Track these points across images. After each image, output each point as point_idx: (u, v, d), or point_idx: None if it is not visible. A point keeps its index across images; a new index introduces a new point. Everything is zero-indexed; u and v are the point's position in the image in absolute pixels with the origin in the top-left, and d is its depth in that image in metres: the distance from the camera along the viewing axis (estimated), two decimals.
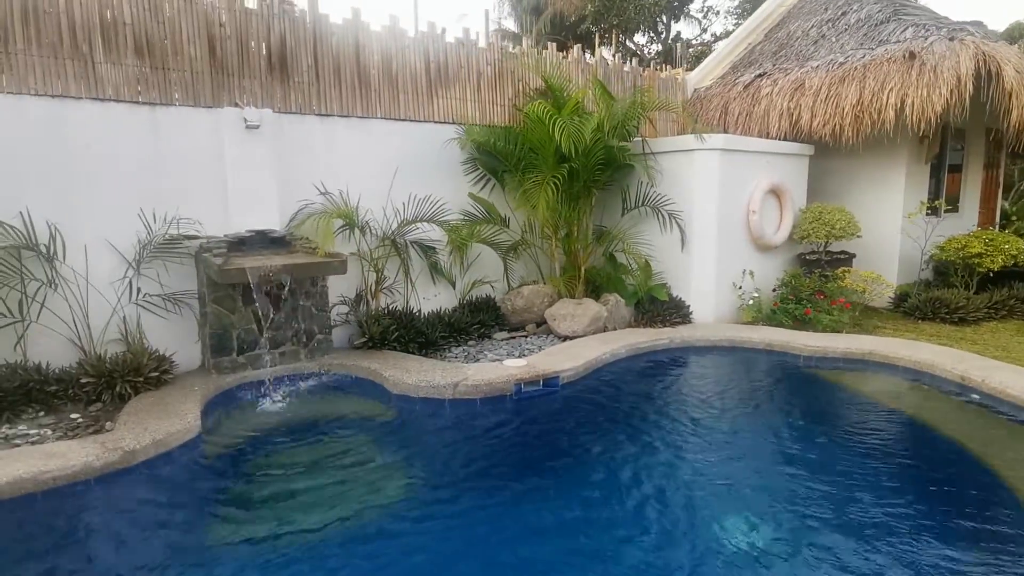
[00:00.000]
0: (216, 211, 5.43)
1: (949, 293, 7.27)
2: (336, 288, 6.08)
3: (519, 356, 5.83)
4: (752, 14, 10.06)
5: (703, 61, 9.74)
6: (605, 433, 4.37)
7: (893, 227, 8.03)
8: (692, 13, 28.36)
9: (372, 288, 6.30)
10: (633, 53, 28.50)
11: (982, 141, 9.29)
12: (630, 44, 28.84)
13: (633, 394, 5.26)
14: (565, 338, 6.44)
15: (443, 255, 6.81)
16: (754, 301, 6.79)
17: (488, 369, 5.19)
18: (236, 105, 5.44)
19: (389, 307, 6.32)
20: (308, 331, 5.62)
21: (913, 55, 6.65)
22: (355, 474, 3.73)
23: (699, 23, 28.67)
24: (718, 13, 27.87)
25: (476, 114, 7.05)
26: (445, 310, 6.73)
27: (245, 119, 5.37)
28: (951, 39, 6.56)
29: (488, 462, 4.00)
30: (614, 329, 6.70)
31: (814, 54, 8.04)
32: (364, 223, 6.14)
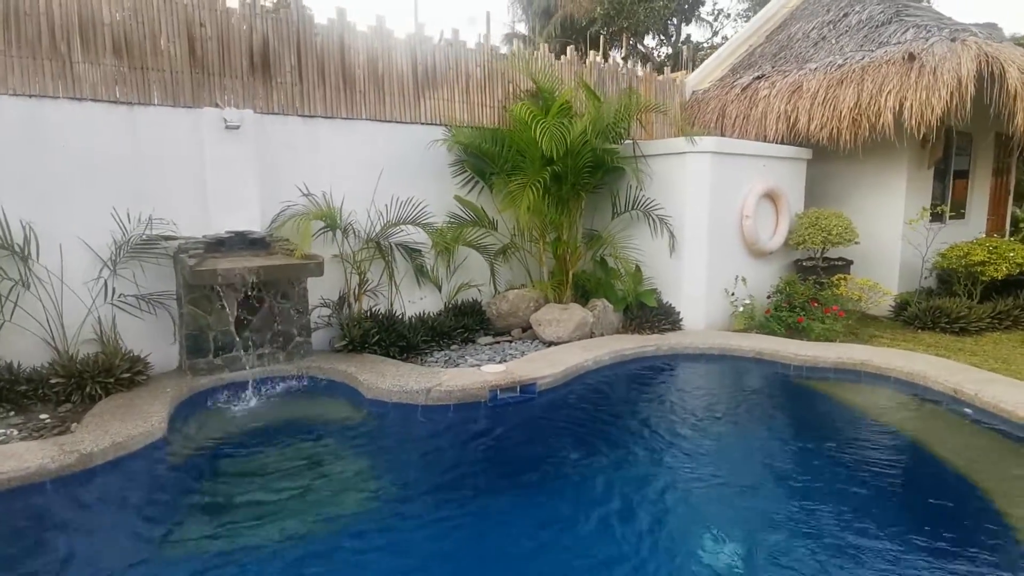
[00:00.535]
0: (196, 212, 5.40)
1: (950, 302, 7.05)
2: (319, 290, 6.03)
3: (500, 361, 5.73)
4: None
5: (703, 63, 9.60)
6: (579, 446, 4.23)
7: (894, 233, 7.82)
8: (703, 16, 28.16)
9: (355, 291, 6.24)
10: (642, 56, 28.37)
11: (991, 146, 9.04)
12: (641, 47, 28.72)
13: (613, 404, 5.14)
14: (550, 344, 6.33)
15: (429, 258, 6.74)
16: (745, 308, 6.64)
17: (464, 375, 5.10)
18: (216, 105, 5.42)
19: (372, 310, 6.26)
20: (287, 333, 5.57)
21: (912, 57, 6.47)
22: (315, 484, 3.61)
23: (710, 26, 28.46)
24: (729, 16, 27.55)
25: (465, 115, 6.97)
26: (430, 313, 6.66)
27: (225, 119, 5.34)
28: (952, 40, 6.37)
29: (454, 474, 3.88)
30: (601, 335, 6.57)
31: (813, 56, 7.86)
32: (347, 225, 6.09)
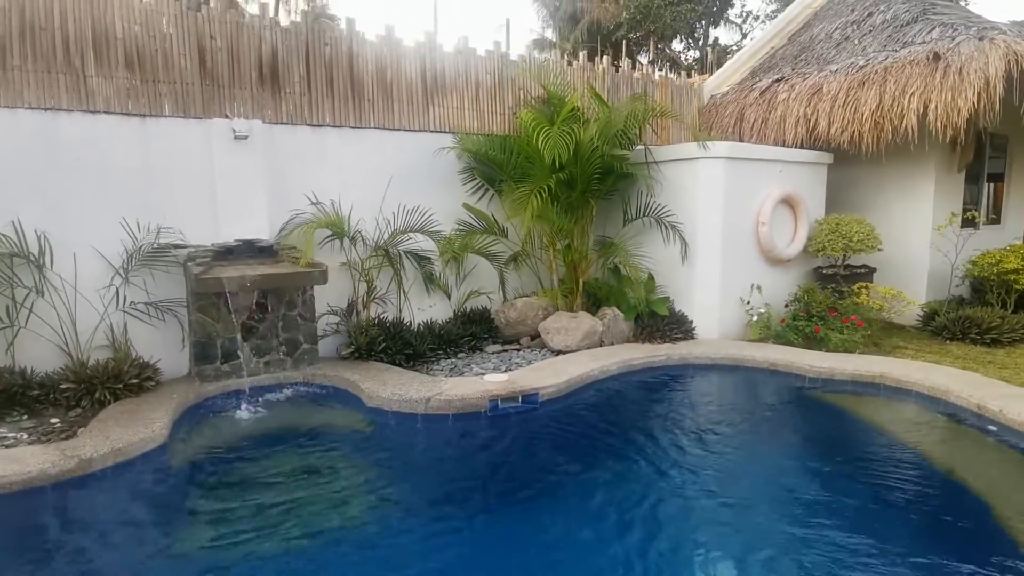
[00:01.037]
0: (206, 221, 5.50)
1: (981, 312, 6.72)
2: (327, 298, 6.07)
3: (505, 370, 5.68)
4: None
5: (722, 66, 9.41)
6: (578, 460, 4.12)
7: (922, 240, 7.51)
8: (731, 18, 27.75)
9: (363, 298, 6.27)
10: (670, 60, 28.09)
11: None
12: (668, 51, 28.43)
13: (617, 416, 5.02)
14: (558, 353, 6.25)
15: (438, 265, 6.73)
16: (759, 317, 6.44)
17: (464, 384, 5.06)
18: (226, 116, 5.51)
19: (379, 317, 6.28)
20: (293, 340, 5.61)
21: (938, 56, 6.21)
22: (308, 495, 3.58)
23: (739, 28, 28.01)
24: (757, 18, 27.08)
25: (475, 123, 6.96)
26: (439, 321, 6.64)
27: (234, 130, 5.43)
28: (980, 39, 6.09)
29: (443, 489, 3.79)
30: (611, 344, 6.46)
31: (835, 57, 7.63)
32: (355, 233, 6.13)
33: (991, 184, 8.49)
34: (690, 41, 28.06)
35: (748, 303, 6.69)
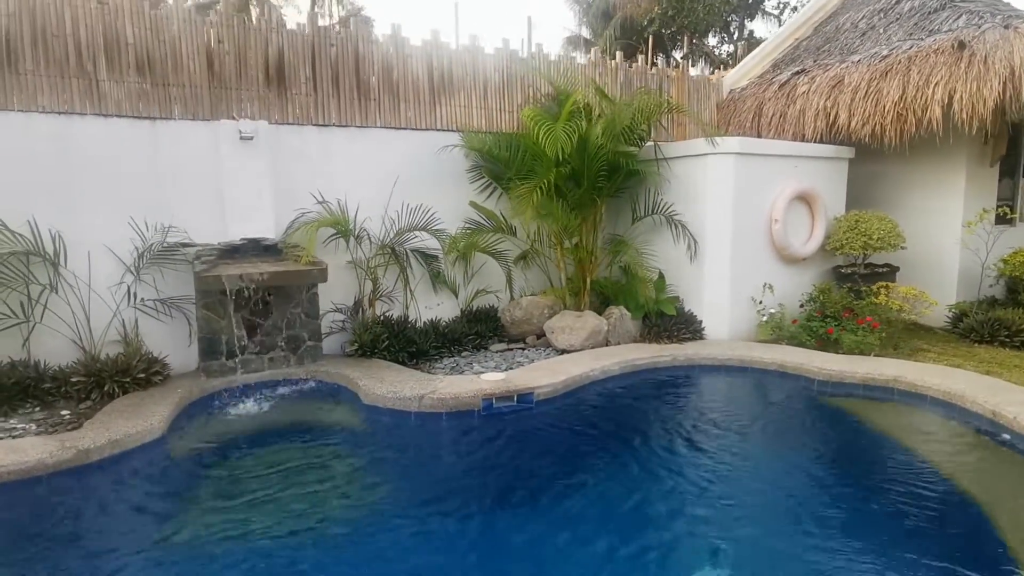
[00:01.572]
0: (214, 220, 5.63)
1: (1012, 313, 6.36)
2: (334, 295, 6.16)
3: (506, 369, 5.65)
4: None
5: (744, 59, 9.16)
6: (566, 464, 4.04)
7: (952, 238, 7.16)
8: (768, 10, 26.97)
9: (369, 296, 6.33)
10: (705, 55, 27.53)
11: None
12: (702, 46, 27.87)
13: (613, 418, 4.92)
14: (563, 352, 6.19)
15: (446, 264, 6.75)
16: (770, 317, 6.24)
17: (460, 383, 5.06)
18: (232, 118, 5.64)
19: (385, 315, 6.33)
20: (297, 337, 5.70)
21: (963, 45, 5.90)
22: (286, 491, 3.62)
23: (778, 20, 27.21)
24: (796, 9, 26.24)
25: (482, 121, 6.94)
26: (446, 320, 6.66)
27: (240, 131, 5.54)
28: (1005, 27, 5.76)
29: (424, 490, 3.72)
30: (617, 344, 6.36)
31: (859, 47, 7.33)
32: (361, 231, 6.19)
33: None
34: (724, 35, 27.43)
35: (760, 303, 6.49)
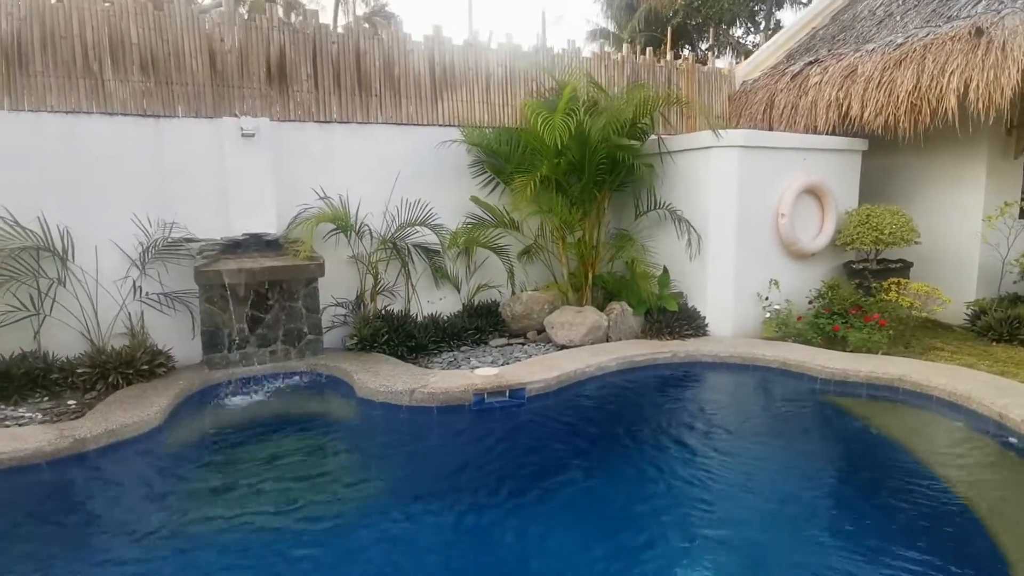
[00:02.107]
0: (217, 215, 5.74)
1: None
2: (335, 290, 6.23)
3: (502, 364, 5.65)
4: None
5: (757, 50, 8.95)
6: (549, 462, 3.98)
7: (971, 233, 6.89)
8: None
9: (371, 291, 6.39)
10: (733, 46, 27.04)
11: None
12: (728, 37, 27.36)
13: (605, 415, 4.87)
14: (562, 347, 6.16)
15: (448, 259, 6.77)
16: (773, 314, 6.10)
17: (452, 377, 5.07)
18: (235, 115, 5.73)
19: (385, 310, 6.38)
20: (298, 331, 5.79)
21: (980, 31, 5.66)
22: (270, 483, 3.69)
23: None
24: None
25: (485, 116, 6.93)
26: (446, 314, 6.69)
27: (241, 128, 5.63)
28: None
29: (405, 486, 3.72)
30: (618, 340, 6.30)
31: (875, 36, 7.09)
32: (362, 226, 6.24)
33: None
34: (750, 25, 26.84)
35: (766, 299, 6.35)
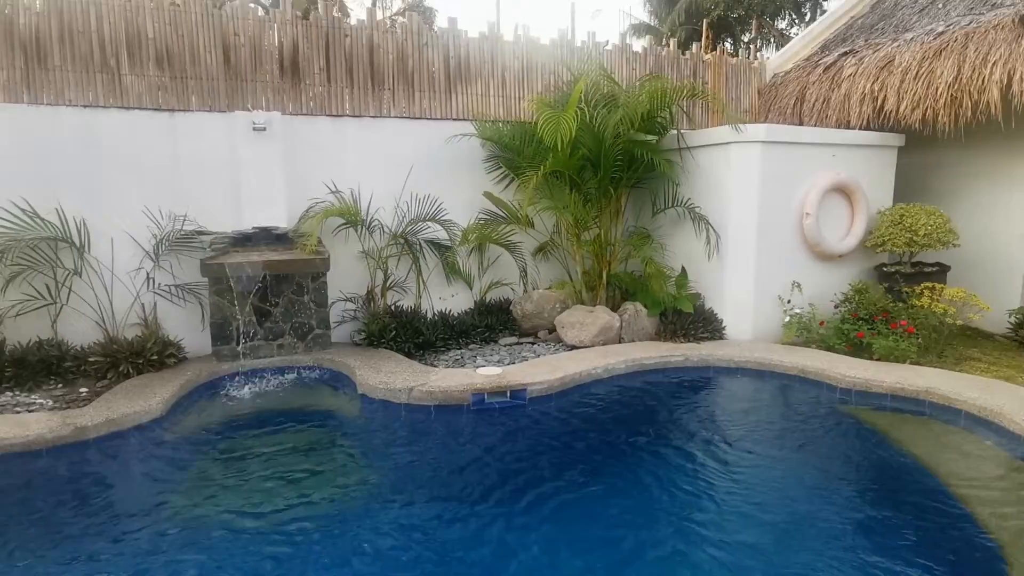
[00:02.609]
0: (229, 209, 5.79)
1: None
2: (345, 285, 6.23)
3: (508, 363, 5.54)
4: None
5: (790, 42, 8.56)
6: (540, 468, 3.82)
7: (1016, 235, 6.42)
8: None
9: (380, 286, 6.36)
10: (774, 38, 26.21)
11: None
12: (772, 29, 26.50)
13: (607, 420, 4.66)
14: (572, 347, 6.01)
15: (460, 255, 6.69)
16: (793, 318, 5.80)
17: (453, 376, 4.99)
18: (247, 109, 5.77)
19: (395, 306, 6.34)
20: (305, 325, 5.81)
21: None
22: (257, 475, 3.70)
23: None
24: None
25: (500, 110, 6.81)
26: (457, 312, 6.62)
27: (253, 122, 5.66)
28: None
29: (389, 486, 3.64)
30: (631, 341, 6.11)
31: (915, 24, 6.68)
32: (373, 221, 6.21)
33: None
34: (795, 16, 25.90)
35: (788, 302, 6.06)
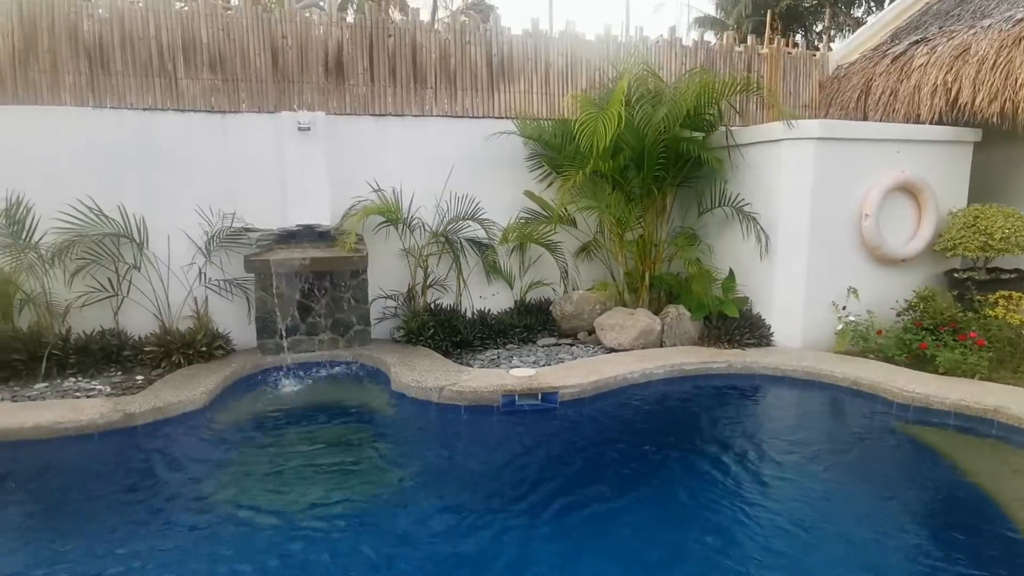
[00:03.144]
0: (276, 207, 5.98)
1: None
2: (386, 282, 6.32)
3: (544, 364, 5.47)
4: None
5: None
6: (564, 476, 3.69)
7: None
8: None
9: (421, 285, 6.41)
10: (847, 28, 24.96)
11: None
12: (846, 18, 25.17)
13: (639, 428, 4.52)
14: (611, 350, 5.87)
15: (501, 254, 6.66)
16: (847, 326, 5.44)
17: (485, 376, 4.96)
18: (293, 109, 5.93)
19: (435, 304, 6.38)
20: (346, 321, 5.92)
21: None
22: (291, 464, 3.82)
23: None
24: None
25: (544, 108, 6.73)
26: (497, 311, 6.60)
27: (298, 122, 5.81)
28: None
29: (410, 482, 3.67)
30: (673, 345, 5.92)
31: (994, 10, 6.13)
32: (415, 220, 6.27)
33: None
34: (872, 3, 24.42)
35: (843, 308, 5.69)
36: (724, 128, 6.17)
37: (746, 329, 5.79)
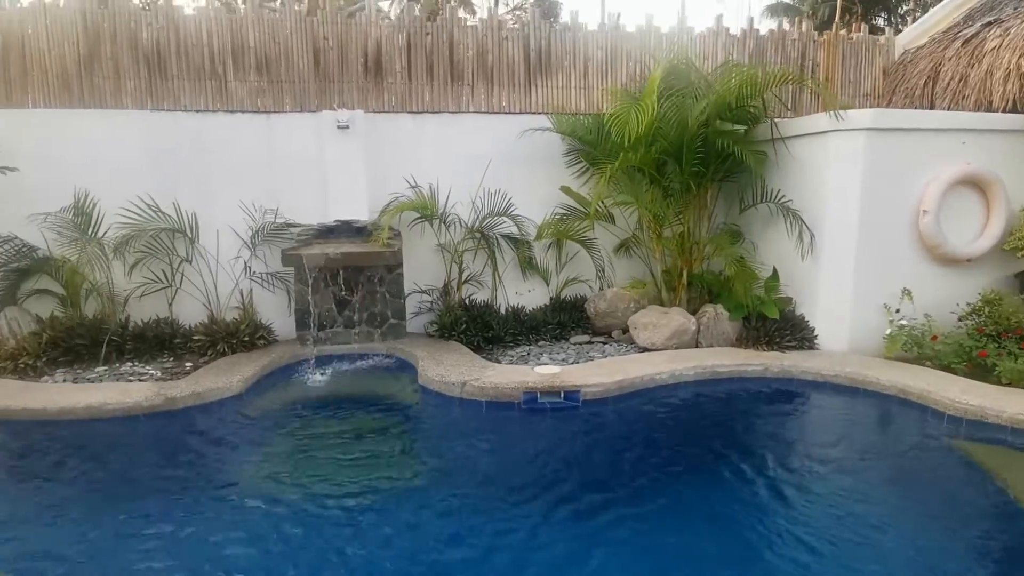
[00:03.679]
0: (316, 202, 6.17)
1: None
2: (422, 277, 6.42)
3: (574, 362, 5.42)
4: None
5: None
6: (581, 482, 3.60)
7: None
8: None
9: (457, 280, 6.48)
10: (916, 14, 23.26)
11: None
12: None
13: (663, 431, 4.38)
14: (644, 349, 5.74)
15: (538, 250, 6.63)
16: (898, 330, 5.06)
17: (508, 373, 4.96)
18: (333, 108, 6.11)
19: (469, 299, 6.43)
20: (381, 315, 6.07)
21: None
22: (313, 452, 3.96)
23: None
24: None
25: (582, 103, 6.64)
26: (532, 308, 6.57)
27: (337, 121, 5.99)
28: None
29: (422, 477, 3.69)
30: (709, 346, 5.72)
31: None
32: (450, 216, 6.34)
33: None
34: None
35: (896, 311, 5.31)
36: (768, 120, 5.88)
37: (787, 331, 5.51)
